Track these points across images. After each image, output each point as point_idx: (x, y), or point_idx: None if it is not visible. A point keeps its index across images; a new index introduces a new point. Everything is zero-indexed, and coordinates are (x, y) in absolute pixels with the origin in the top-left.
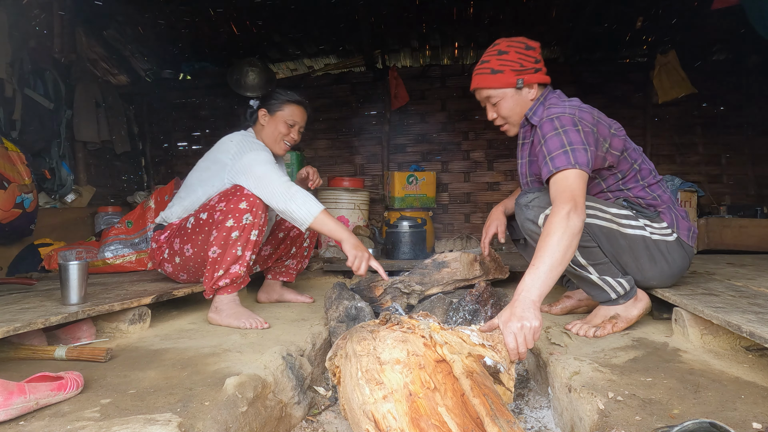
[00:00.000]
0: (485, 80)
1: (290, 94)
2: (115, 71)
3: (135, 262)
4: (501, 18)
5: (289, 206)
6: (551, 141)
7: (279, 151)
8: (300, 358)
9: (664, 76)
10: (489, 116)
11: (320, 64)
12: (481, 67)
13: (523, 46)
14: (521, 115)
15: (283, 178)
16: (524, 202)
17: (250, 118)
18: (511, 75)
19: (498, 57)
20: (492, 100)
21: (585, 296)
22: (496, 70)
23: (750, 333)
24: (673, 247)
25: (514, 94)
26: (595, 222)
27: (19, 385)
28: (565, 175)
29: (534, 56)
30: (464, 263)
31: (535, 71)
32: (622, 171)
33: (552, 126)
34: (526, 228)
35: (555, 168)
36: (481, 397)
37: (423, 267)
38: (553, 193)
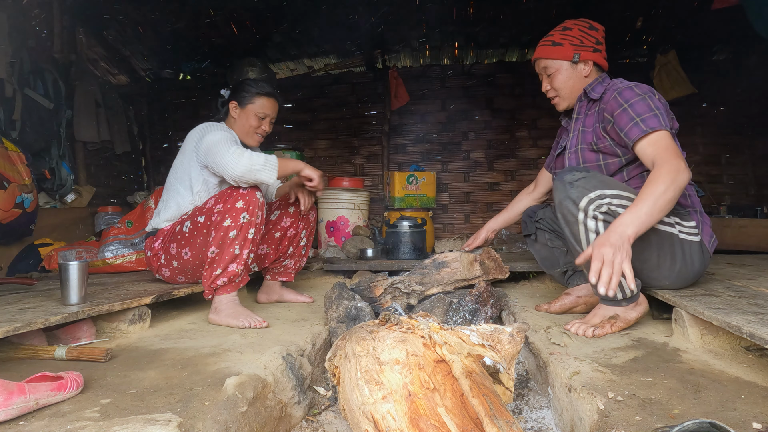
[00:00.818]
0: (545, 51)
1: (261, 85)
2: (115, 71)
3: (135, 262)
4: (501, 18)
5: (256, 176)
6: (638, 105)
7: (252, 143)
8: (300, 358)
9: (664, 76)
10: (543, 87)
11: (320, 64)
12: (545, 39)
13: (587, 26)
14: (572, 90)
15: (239, 149)
16: (570, 179)
17: (222, 108)
18: (569, 49)
19: (561, 32)
20: (548, 70)
21: (584, 293)
22: (557, 43)
23: (750, 334)
24: (695, 248)
25: (569, 67)
26: None
27: (19, 385)
28: (662, 135)
29: (596, 37)
30: (464, 263)
31: (593, 50)
32: None
33: (634, 93)
34: (565, 207)
35: (649, 128)
36: (480, 398)
37: (423, 267)
38: (654, 151)
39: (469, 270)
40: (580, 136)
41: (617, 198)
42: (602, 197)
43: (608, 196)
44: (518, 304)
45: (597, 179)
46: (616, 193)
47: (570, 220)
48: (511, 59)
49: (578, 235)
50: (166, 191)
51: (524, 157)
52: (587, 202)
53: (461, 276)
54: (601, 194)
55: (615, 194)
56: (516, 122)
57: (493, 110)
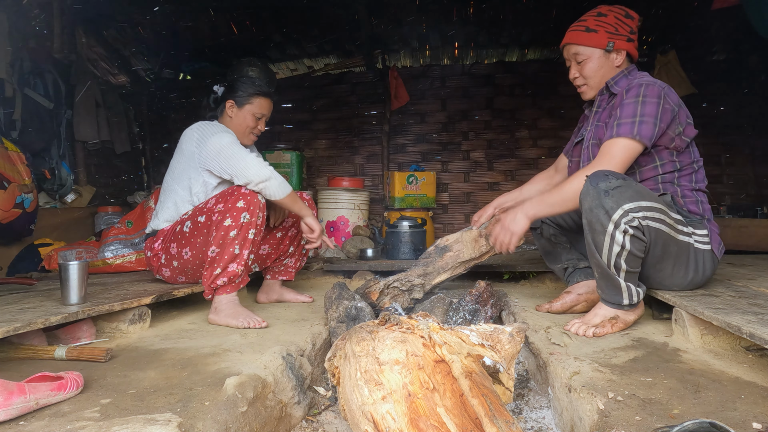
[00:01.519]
0: (578, 36)
1: (258, 85)
2: (115, 71)
3: (135, 262)
4: (501, 18)
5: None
6: (628, 107)
7: (247, 142)
8: (300, 358)
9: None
10: (571, 74)
11: (320, 64)
12: (577, 24)
13: (623, 14)
14: (602, 79)
15: (254, 156)
16: (605, 187)
17: (216, 106)
18: (604, 36)
19: (596, 18)
20: (579, 57)
21: (584, 291)
22: (591, 29)
23: (750, 334)
24: (708, 257)
25: (601, 55)
26: (661, 228)
27: (19, 385)
28: (617, 142)
29: (631, 26)
30: (467, 242)
31: (627, 40)
32: (682, 162)
33: (636, 93)
34: (594, 215)
35: (615, 134)
36: (479, 398)
37: (426, 256)
38: (601, 150)
39: (474, 248)
40: (595, 131)
41: (651, 211)
42: (637, 210)
43: (643, 209)
44: (518, 304)
45: (633, 189)
46: (650, 206)
47: (597, 229)
48: (511, 59)
49: (601, 245)
50: (164, 192)
51: (524, 157)
52: (621, 214)
53: (467, 256)
54: (637, 207)
55: (649, 206)
56: (516, 122)
57: (493, 110)
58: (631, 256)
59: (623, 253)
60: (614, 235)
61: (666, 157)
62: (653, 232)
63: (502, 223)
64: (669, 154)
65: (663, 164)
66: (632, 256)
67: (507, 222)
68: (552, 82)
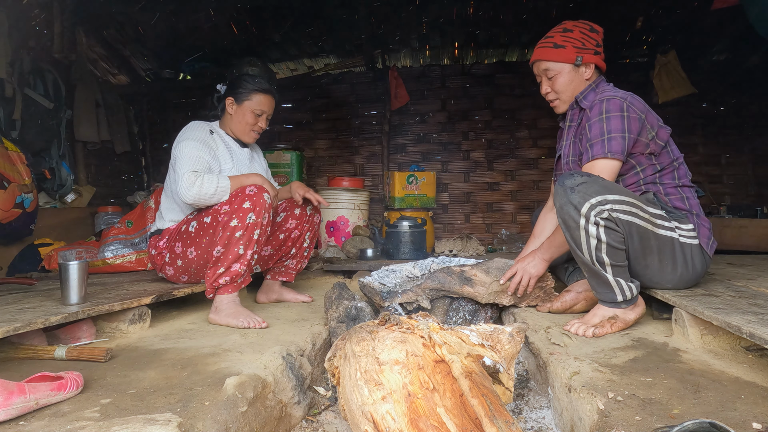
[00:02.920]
0: (547, 53)
1: (258, 81)
2: (115, 71)
3: (135, 262)
4: (501, 18)
5: (205, 204)
6: (594, 127)
7: (248, 140)
8: (300, 358)
9: (664, 77)
10: (543, 90)
11: (320, 64)
12: (545, 41)
13: (588, 28)
14: (573, 92)
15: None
16: (570, 184)
17: (218, 104)
18: (572, 51)
19: (562, 34)
20: (549, 73)
21: (584, 289)
22: (558, 45)
23: (750, 334)
24: (696, 251)
25: (571, 70)
26: (633, 221)
27: (19, 385)
28: (594, 164)
29: (596, 39)
30: (491, 291)
31: (594, 53)
32: (662, 163)
33: (599, 110)
34: (565, 212)
35: (591, 156)
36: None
37: (448, 272)
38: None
39: (492, 298)
40: (571, 146)
41: (619, 203)
42: (604, 203)
43: (610, 201)
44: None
45: (599, 184)
46: (618, 199)
47: (571, 225)
48: (511, 59)
49: (579, 240)
50: (166, 192)
51: (524, 157)
52: (588, 207)
53: (481, 300)
54: (603, 200)
55: (617, 200)
56: (516, 122)
57: (493, 110)
58: (611, 248)
59: (602, 246)
60: (587, 229)
61: (645, 161)
62: (626, 225)
63: (522, 267)
64: (647, 158)
65: (643, 169)
66: (611, 248)
67: (525, 265)
68: None
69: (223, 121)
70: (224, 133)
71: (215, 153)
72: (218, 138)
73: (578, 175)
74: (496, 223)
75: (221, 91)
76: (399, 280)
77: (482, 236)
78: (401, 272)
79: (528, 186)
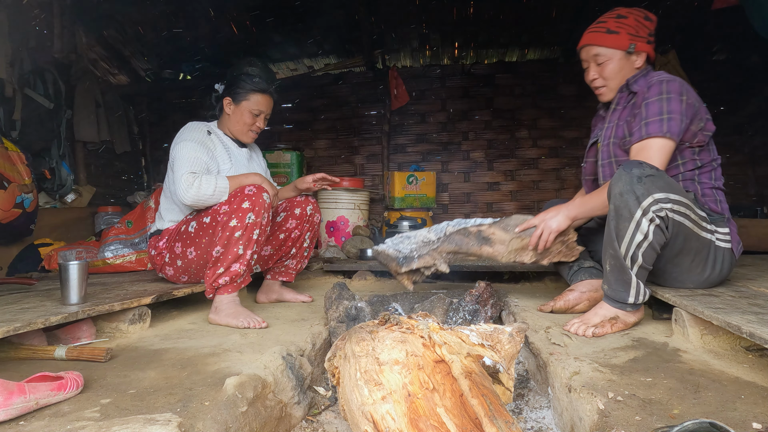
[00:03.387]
0: (599, 38)
1: (255, 81)
2: (115, 71)
3: (135, 262)
4: (501, 18)
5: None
6: (653, 105)
7: (247, 139)
8: (300, 358)
9: None
10: (589, 76)
11: (320, 64)
12: (597, 26)
13: (643, 16)
14: (621, 80)
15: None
16: (638, 173)
17: (216, 104)
18: (625, 38)
19: (616, 19)
20: (599, 59)
21: (587, 289)
22: (612, 30)
23: (750, 334)
24: (727, 255)
25: (622, 57)
26: (683, 222)
27: (19, 385)
28: (652, 142)
29: (650, 28)
30: (512, 249)
31: (647, 42)
32: (702, 160)
33: (659, 90)
34: (624, 200)
35: (646, 134)
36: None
37: (465, 234)
38: (634, 153)
39: (515, 254)
40: (614, 129)
41: (678, 205)
42: (665, 201)
43: (672, 201)
44: (518, 304)
45: (664, 180)
46: (679, 199)
47: (623, 215)
48: (511, 59)
49: (623, 232)
50: (166, 192)
51: (524, 157)
52: (651, 201)
53: (502, 260)
54: (666, 197)
55: (677, 200)
56: (516, 122)
57: (493, 110)
58: (650, 249)
59: (644, 244)
60: (640, 223)
61: (687, 155)
62: (676, 226)
63: (543, 219)
64: (691, 152)
65: (684, 162)
66: (651, 249)
67: (548, 218)
68: (552, 82)
69: (221, 121)
70: (222, 134)
71: (213, 153)
72: (216, 138)
73: (647, 166)
74: None
75: (219, 90)
76: (414, 245)
77: None
78: (416, 237)
79: (528, 186)
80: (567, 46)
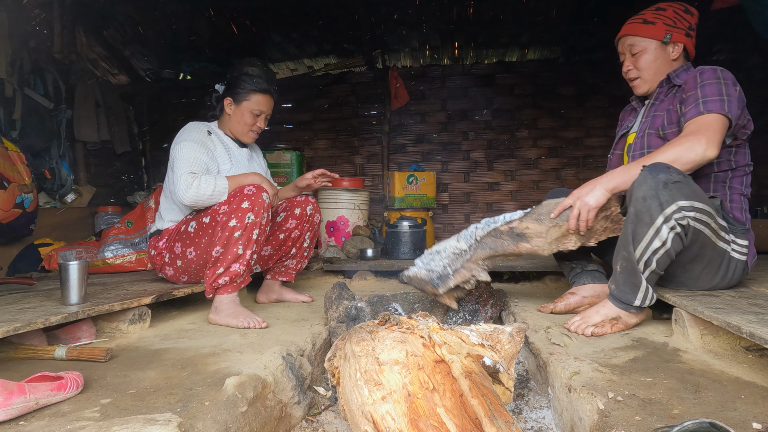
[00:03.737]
0: (634, 28)
1: (256, 81)
2: (115, 71)
3: (135, 262)
4: (501, 18)
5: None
6: (710, 87)
7: (247, 140)
8: (300, 358)
9: None
10: (624, 67)
11: (320, 64)
12: (635, 18)
13: (683, 9)
14: (657, 72)
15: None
16: (665, 178)
17: (217, 104)
18: (661, 28)
19: (655, 11)
20: (634, 49)
21: (590, 294)
22: (648, 21)
23: (750, 334)
24: (740, 267)
25: (657, 47)
26: (703, 230)
27: (19, 385)
28: (713, 117)
29: (690, 21)
30: (552, 239)
31: (686, 34)
32: (737, 163)
33: (715, 75)
34: (646, 205)
35: (706, 110)
36: (479, 398)
37: (496, 235)
38: (693, 127)
39: (556, 244)
40: (651, 120)
41: (701, 213)
42: (690, 209)
43: (696, 209)
44: (518, 304)
45: (690, 188)
46: (702, 208)
47: (644, 220)
48: (511, 59)
49: (641, 237)
50: (166, 192)
51: (524, 157)
52: (675, 209)
53: (544, 253)
54: (690, 205)
55: (701, 208)
56: (516, 122)
57: (493, 110)
58: (665, 256)
59: (660, 251)
60: (660, 229)
61: (724, 155)
62: (695, 234)
63: (578, 197)
64: (727, 152)
65: (719, 162)
66: (666, 256)
67: (583, 195)
68: (552, 82)
69: (221, 121)
70: (223, 134)
71: (213, 154)
72: (216, 139)
73: (674, 171)
74: None
75: (220, 91)
76: (446, 260)
77: None
78: (445, 251)
79: (528, 186)
80: (567, 46)
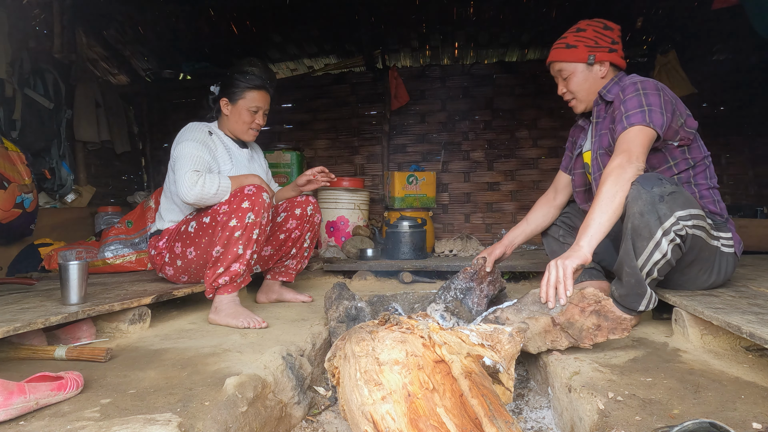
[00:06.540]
0: (559, 54)
1: (249, 78)
2: (115, 71)
3: (135, 262)
4: (501, 18)
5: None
6: (630, 101)
7: (248, 138)
8: (300, 358)
9: (664, 77)
10: (559, 90)
11: (320, 64)
12: (559, 42)
13: (602, 26)
14: (589, 92)
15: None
16: (659, 191)
17: (213, 106)
18: (584, 50)
19: (575, 34)
20: (563, 74)
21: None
22: (570, 45)
23: (750, 334)
24: (731, 260)
25: (584, 69)
26: (700, 234)
27: (19, 385)
28: (636, 130)
29: (611, 37)
30: (534, 333)
31: (609, 51)
32: (694, 159)
33: (634, 88)
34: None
35: (629, 124)
36: (479, 398)
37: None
38: (623, 144)
39: (542, 341)
40: (599, 140)
41: (697, 219)
42: (687, 218)
43: (693, 216)
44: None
45: (684, 196)
46: (698, 213)
47: (643, 235)
48: (511, 59)
49: (641, 250)
50: (166, 193)
51: (524, 157)
52: (674, 221)
53: (529, 350)
54: (688, 214)
55: (696, 214)
56: (516, 122)
57: (493, 110)
58: (666, 264)
59: (661, 262)
60: (660, 243)
61: (678, 155)
62: (693, 240)
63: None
64: (680, 151)
65: (677, 163)
66: (667, 264)
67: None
68: (552, 82)
69: (220, 121)
70: (223, 134)
71: (214, 154)
72: (217, 139)
73: (667, 183)
74: (496, 223)
75: (215, 92)
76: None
77: (482, 236)
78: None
79: (528, 186)
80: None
